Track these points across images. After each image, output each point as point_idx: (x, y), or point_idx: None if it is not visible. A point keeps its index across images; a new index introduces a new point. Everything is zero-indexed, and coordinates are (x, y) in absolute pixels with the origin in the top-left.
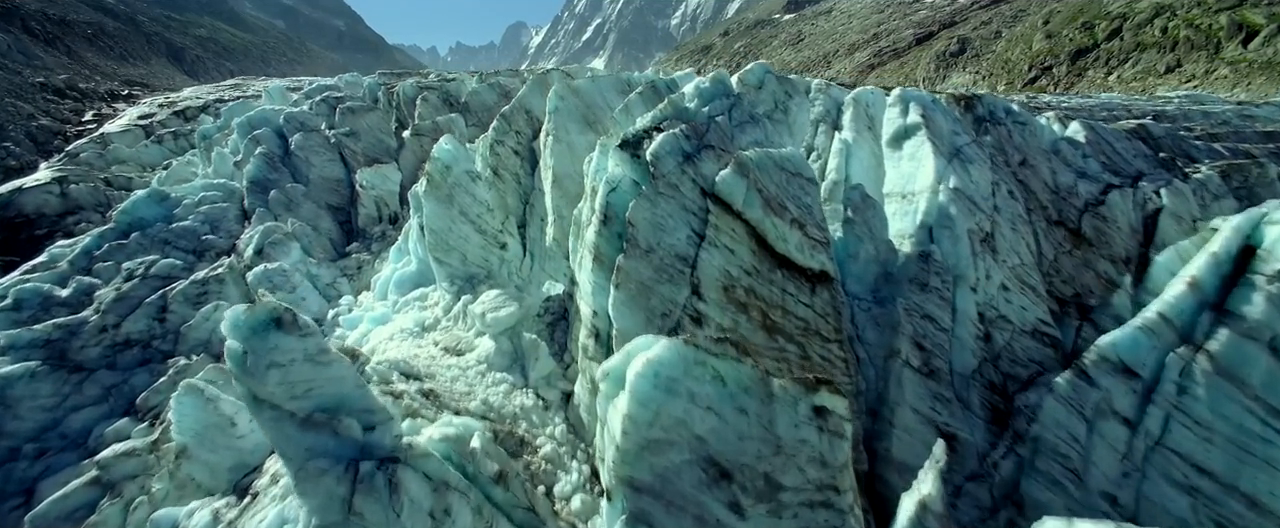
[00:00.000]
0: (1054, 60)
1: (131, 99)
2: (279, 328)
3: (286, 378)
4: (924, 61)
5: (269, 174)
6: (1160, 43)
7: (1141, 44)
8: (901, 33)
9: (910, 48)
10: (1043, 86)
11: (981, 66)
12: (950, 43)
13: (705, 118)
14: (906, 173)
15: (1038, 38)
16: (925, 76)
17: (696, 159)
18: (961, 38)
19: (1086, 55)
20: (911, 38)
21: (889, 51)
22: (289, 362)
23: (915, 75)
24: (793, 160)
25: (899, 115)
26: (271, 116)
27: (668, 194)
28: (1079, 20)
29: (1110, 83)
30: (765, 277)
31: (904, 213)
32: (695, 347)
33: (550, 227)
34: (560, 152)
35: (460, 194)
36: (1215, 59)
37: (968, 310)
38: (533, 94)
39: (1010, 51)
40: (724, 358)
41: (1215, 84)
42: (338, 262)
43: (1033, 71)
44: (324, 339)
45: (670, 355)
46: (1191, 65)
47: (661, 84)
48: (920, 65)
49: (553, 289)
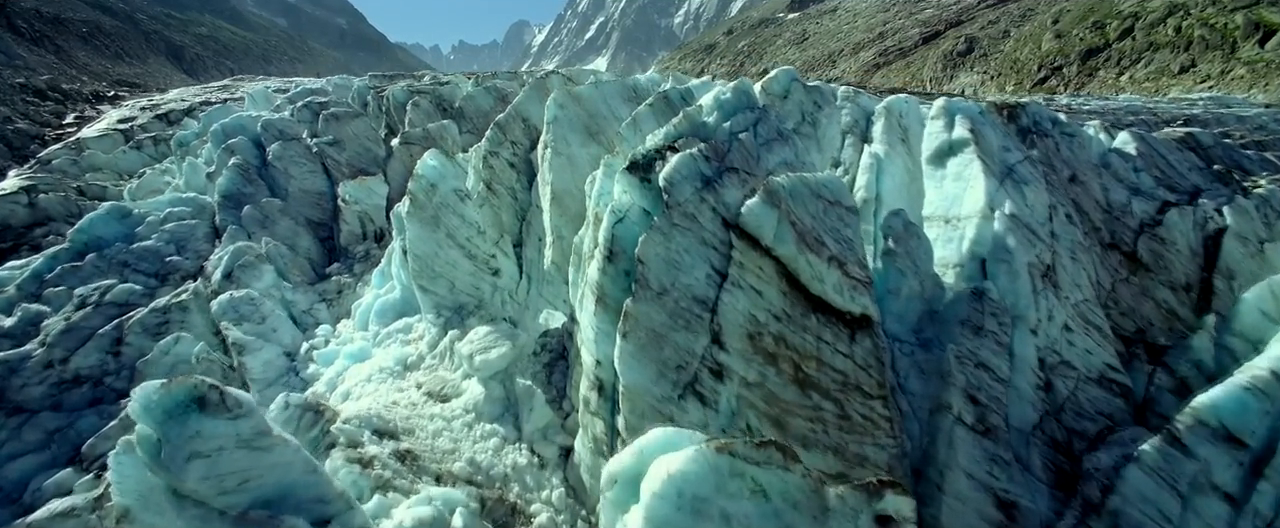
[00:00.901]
0: (1064, 60)
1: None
2: (203, 410)
3: (214, 470)
4: (930, 61)
5: (243, 188)
6: (1174, 42)
7: (1154, 44)
8: (907, 32)
9: (916, 47)
10: (1053, 87)
11: (989, 66)
12: (957, 42)
13: (727, 135)
14: (950, 194)
15: (1047, 37)
16: (932, 76)
17: (717, 185)
18: (969, 37)
19: (1097, 55)
20: (917, 37)
21: (895, 51)
22: (216, 451)
23: (921, 75)
24: (831, 187)
25: (942, 129)
26: (248, 124)
27: (684, 226)
28: (1089, 19)
29: (1122, 83)
30: (798, 322)
31: (948, 240)
32: (730, 455)
33: (549, 248)
34: (560, 166)
35: (447, 215)
36: (1231, 59)
37: (1027, 356)
38: (530, 101)
39: (1019, 51)
40: (768, 466)
41: (1231, 85)
42: (316, 285)
43: (1042, 72)
44: (262, 419)
45: (698, 469)
46: (1206, 65)
47: (675, 95)
48: (927, 65)
49: (551, 320)
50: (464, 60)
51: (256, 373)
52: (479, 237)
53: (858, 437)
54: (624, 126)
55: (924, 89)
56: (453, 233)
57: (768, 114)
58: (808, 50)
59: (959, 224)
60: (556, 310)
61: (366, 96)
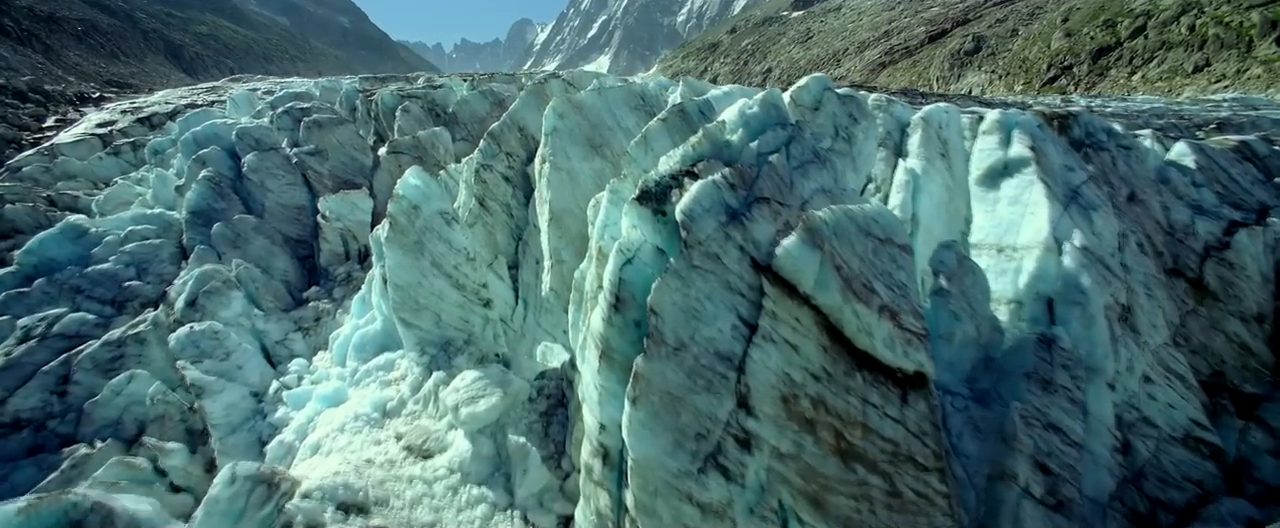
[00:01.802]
0: (1074, 59)
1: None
2: None
3: None
4: (938, 60)
5: (214, 203)
6: (1187, 41)
7: (1167, 42)
8: (913, 30)
9: (922, 46)
10: (1063, 87)
11: (998, 66)
12: (965, 41)
13: (755, 157)
14: (1005, 220)
15: (1057, 36)
16: (939, 76)
17: (745, 218)
18: (976, 36)
19: (1108, 54)
20: (923, 35)
21: (901, 50)
22: None
23: (928, 74)
24: (883, 221)
25: (997, 146)
26: (222, 132)
27: (706, 269)
28: (1100, 18)
29: (1134, 83)
30: (840, 382)
31: (1001, 272)
32: None
33: (547, 273)
34: (559, 182)
35: (432, 241)
36: (1247, 58)
37: (1103, 415)
38: (527, 108)
39: (1028, 50)
40: None
41: (1247, 84)
42: (292, 312)
43: (1052, 71)
44: None
45: None
46: (1221, 65)
47: (692, 108)
48: (934, 64)
49: (549, 357)
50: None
51: (217, 417)
52: (468, 264)
53: (910, 517)
54: (633, 146)
55: (931, 89)
56: (438, 261)
57: (801, 132)
58: (812, 49)
59: (1015, 255)
60: (555, 343)
61: (355, 101)
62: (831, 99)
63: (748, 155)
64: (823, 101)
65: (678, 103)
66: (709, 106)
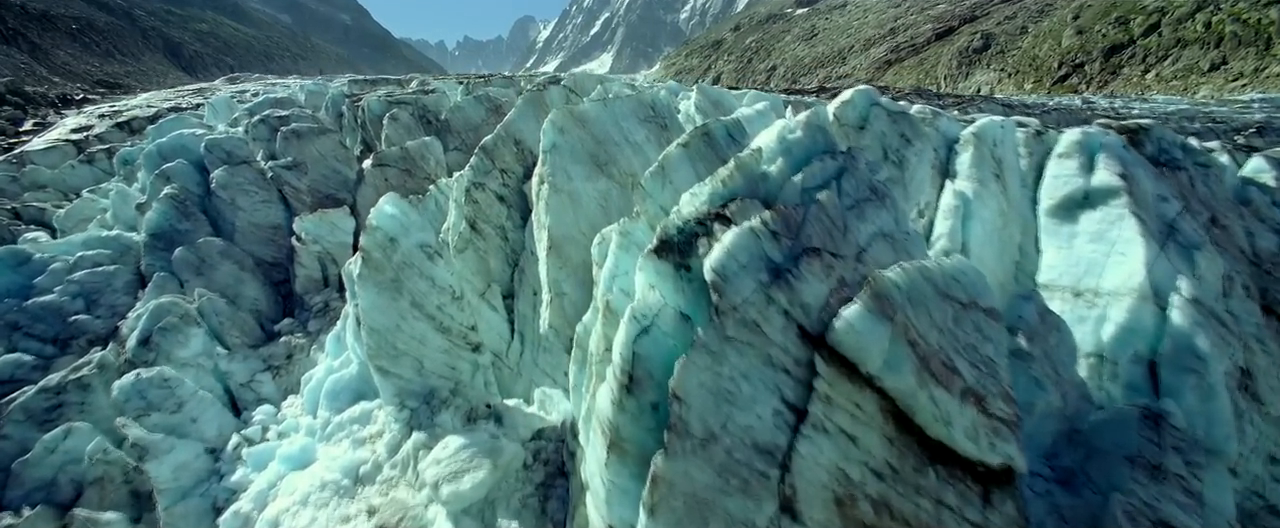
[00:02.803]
0: (1086, 57)
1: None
2: None
3: None
4: (945, 58)
5: (178, 224)
6: (1203, 39)
7: (1182, 40)
8: (919, 28)
9: (929, 43)
10: (1074, 86)
11: (1007, 64)
12: (973, 39)
13: (799, 195)
14: (1085, 259)
15: (1068, 33)
16: (947, 74)
17: (792, 276)
18: (985, 33)
19: (1121, 52)
20: (930, 33)
21: (907, 47)
22: None
23: (935, 73)
24: (966, 280)
25: (1077, 172)
26: (190, 144)
27: (742, 341)
28: (1113, 14)
29: (1148, 81)
30: (908, 481)
31: (1080, 320)
32: None
33: (546, 308)
34: (559, 206)
35: (412, 279)
36: (1266, 56)
37: (1224, 506)
38: (524, 118)
39: (1037, 48)
40: None
41: (1265, 83)
42: (262, 348)
43: (1063, 70)
44: None
45: None
46: (1238, 63)
47: (719, 130)
48: (941, 62)
49: (548, 407)
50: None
51: (165, 481)
52: (454, 305)
53: None
54: (648, 177)
55: (938, 88)
56: (420, 300)
57: (855, 162)
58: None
59: (1097, 301)
60: (555, 386)
61: (341, 106)
62: (880, 116)
63: (790, 192)
64: (870, 119)
65: (702, 126)
66: (739, 129)
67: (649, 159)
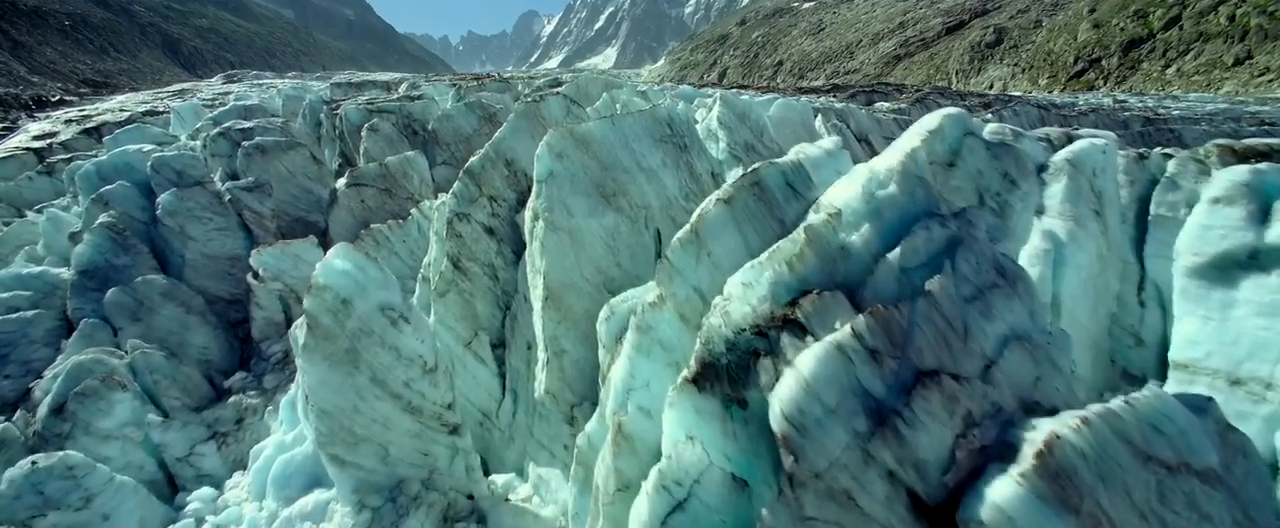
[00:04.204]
0: (1103, 52)
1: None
2: None
3: None
4: (956, 53)
5: (114, 258)
6: (1227, 32)
7: (1205, 34)
8: (929, 21)
9: (939, 37)
10: (1091, 81)
11: (1021, 59)
12: (985, 33)
13: (897, 280)
14: (1249, 337)
15: (1084, 27)
16: (958, 70)
17: (901, 420)
18: (997, 27)
19: (1140, 46)
20: (940, 27)
21: (917, 41)
22: None
23: (947, 67)
24: (1171, 428)
25: (1243, 222)
26: (135, 162)
27: (827, 522)
28: (1131, 8)
29: (1169, 77)
30: None
31: (1240, 418)
32: None
33: (542, 370)
34: (557, 247)
35: (372, 350)
36: None
37: None
38: (517, 134)
39: (1052, 42)
40: None
41: None
42: (207, 410)
43: (1079, 65)
44: None
45: None
46: (1264, 57)
47: (774, 178)
48: (952, 57)
49: (541, 500)
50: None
51: None
52: (426, 379)
53: None
54: (675, 247)
55: (949, 83)
56: (382, 376)
57: (972, 229)
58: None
59: (1268, 396)
60: (552, 465)
61: (320, 114)
62: (975, 150)
63: (885, 279)
64: (961, 153)
65: (752, 174)
66: (802, 176)
67: (665, 189)
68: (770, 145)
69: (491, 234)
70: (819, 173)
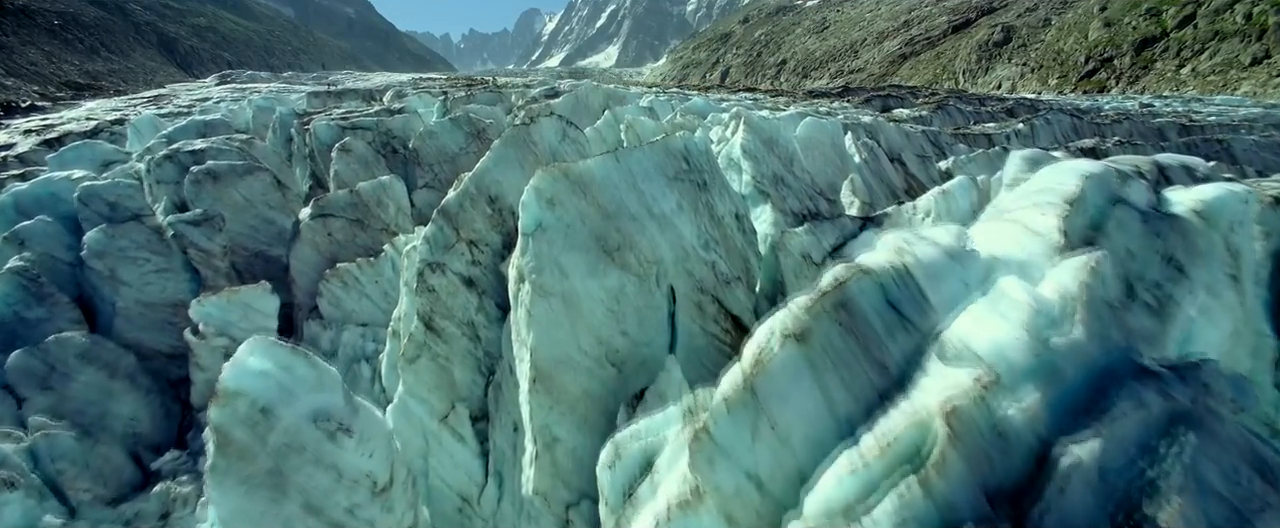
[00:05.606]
0: (1115, 51)
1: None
2: None
3: None
4: (963, 52)
5: (25, 310)
6: (1244, 31)
7: (1220, 32)
8: (935, 20)
9: (945, 36)
10: (1103, 81)
11: (1030, 58)
12: (992, 31)
13: (1100, 499)
14: None
15: (1094, 26)
16: (965, 69)
17: None
18: (1005, 26)
19: (1153, 45)
20: (946, 25)
21: (922, 40)
22: None
23: (953, 67)
24: None
25: None
26: (61, 192)
27: None
28: (1143, 6)
29: (1183, 77)
30: None
31: None
32: None
33: (531, 464)
34: (548, 316)
35: (303, 470)
36: None
37: None
38: (503, 165)
39: (1062, 41)
40: None
41: None
42: (127, 502)
43: (1090, 65)
44: None
45: None
46: None
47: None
48: (959, 56)
49: None
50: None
51: None
52: (376, 502)
53: None
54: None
55: (957, 82)
56: (318, 503)
57: (1207, 395)
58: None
59: None
60: None
61: (291, 129)
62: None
63: (1079, 494)
64: (1106, 229)
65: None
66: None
67: (682, 238)
68: (802, 176)
69: (471, 286)
70: (936, 286)
